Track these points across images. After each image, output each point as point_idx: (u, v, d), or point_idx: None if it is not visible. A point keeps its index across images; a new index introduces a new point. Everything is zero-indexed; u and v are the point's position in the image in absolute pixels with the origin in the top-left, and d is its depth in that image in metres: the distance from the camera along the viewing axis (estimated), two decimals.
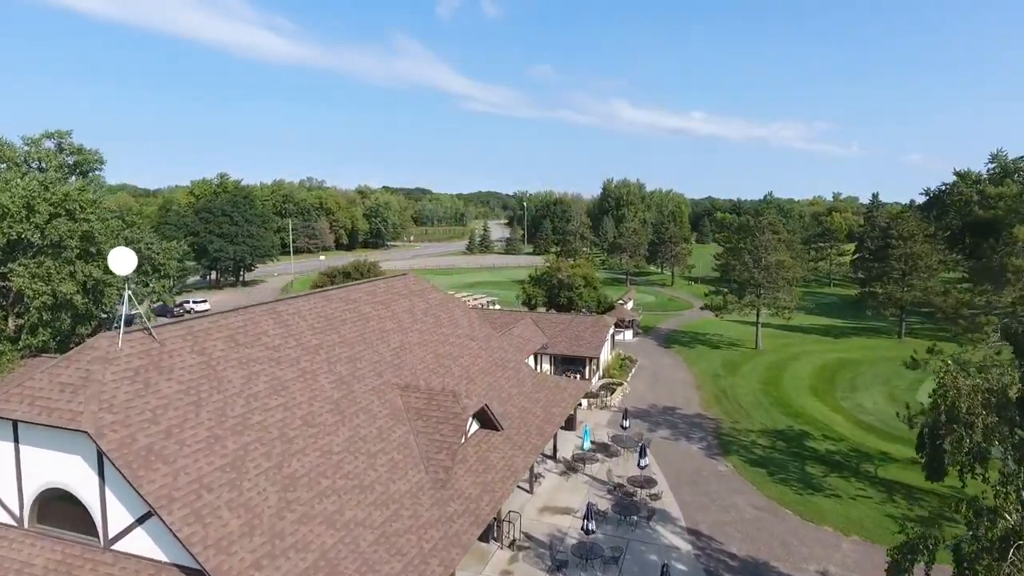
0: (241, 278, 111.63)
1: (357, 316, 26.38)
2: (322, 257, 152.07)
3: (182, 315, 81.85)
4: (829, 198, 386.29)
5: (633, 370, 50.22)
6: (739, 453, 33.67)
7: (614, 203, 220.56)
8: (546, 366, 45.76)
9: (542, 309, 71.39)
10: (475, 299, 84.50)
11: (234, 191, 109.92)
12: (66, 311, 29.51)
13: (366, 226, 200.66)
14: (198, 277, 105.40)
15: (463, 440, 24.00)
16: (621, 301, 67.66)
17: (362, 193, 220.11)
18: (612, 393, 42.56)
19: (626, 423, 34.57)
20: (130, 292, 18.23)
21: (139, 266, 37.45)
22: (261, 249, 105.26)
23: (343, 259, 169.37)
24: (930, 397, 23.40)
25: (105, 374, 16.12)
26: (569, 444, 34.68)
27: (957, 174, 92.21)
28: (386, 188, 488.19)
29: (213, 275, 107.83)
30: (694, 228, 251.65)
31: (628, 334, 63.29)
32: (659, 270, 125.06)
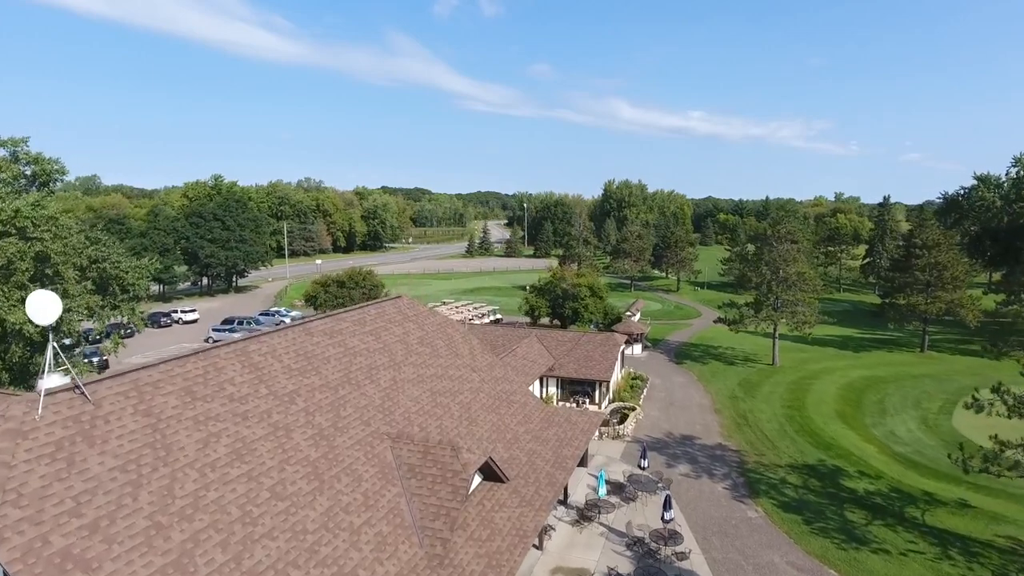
0: (234, 284, 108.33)
1: (342, 351, 23.09)
2: (318, 261, 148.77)
3: (169, 325, 78.61)
4: (830, 198, 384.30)
5: (645, 391, 46.93)
6: (769, 494, 30.38)
7: (616, 204, 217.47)
8: (552, 389, 42.47)
9: (546, 319, 68.30)
10: (475, 308, 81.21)
11: (227, 194, 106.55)
12: (17, 342, 26.28)
13: (364, 228, 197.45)
14: (189, 283, 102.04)
15: (463, 502, 20.73)
16: (629, 313, 64.39)
17: (360, 194, 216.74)
18: (624, 421, 39.25)
19: (645, 463, 31.26)
20: (55, 345, 14.88)
21: (106, 288, 34.24)
22: (254, 255, 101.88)
23: (340, 262, 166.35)
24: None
25: (16, 453, 12.80)
26: (581, 484, 31.42)
27: (978, 178, 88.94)
28: (385, 188, 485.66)
29: (205, 281, 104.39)
30: (697, 229, 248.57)
31: (637, 348, 60.01)
32: (664, 275, 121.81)
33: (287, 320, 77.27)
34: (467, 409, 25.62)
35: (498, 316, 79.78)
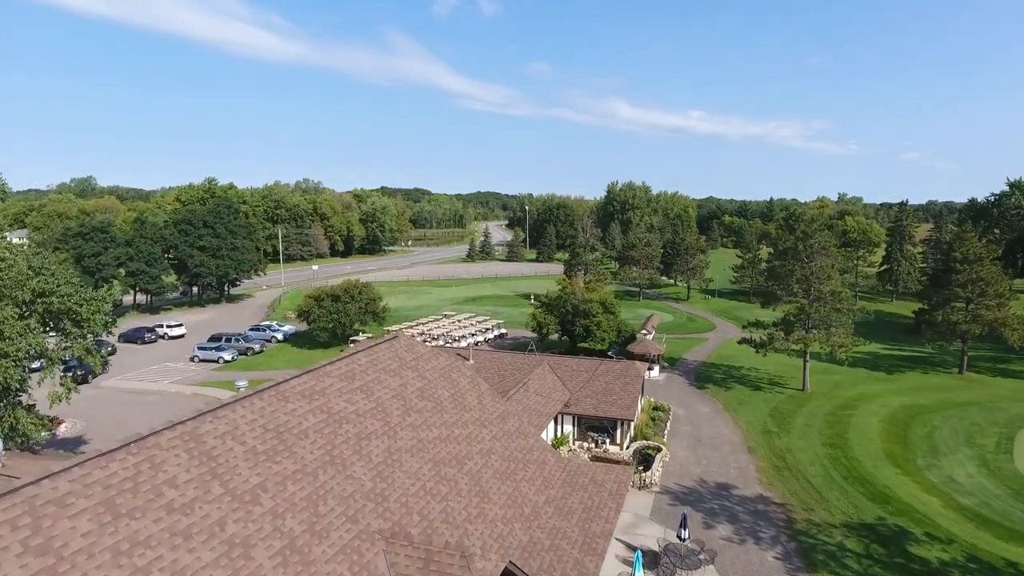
0: (226, 293, 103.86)
1: (325, 419, 18.69)
2: (315, 267, 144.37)
3: (154, 340, 74.14)
4: (833, 198, 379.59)
5: (668, 424, 42.52)
6: (828, 566, 25.99)
7: (619, 207, 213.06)
8: (568, 427, 38.05)
9: (555, 335, 63.84)
10: (479, 321, 76.75)
11: (219, 199, 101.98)
12: None
13: (362, 231, 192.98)
14: (178, 293, 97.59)
15: None
16: (644, 331, 59.96)
17: (358, 197, 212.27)
18: (648, 465, 34.82)
19: (685, 532, 26.82)
20: None
21: (57, 323, 29.85)
22: (246, 263, 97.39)
23: (338, 267, 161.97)
24: None
25: None
26: (610, 554, 26.98)
27: (1012, 184, 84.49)
28: (384, 189, 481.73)
29: (195, 290, 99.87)
30: (701, 231, 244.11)
31: (654, 371, 55.59)
32: (672, 282, 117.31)
33: (279, 336, 72.88)
34: (477, 480, 21.22)
35: (503, 331, 75.38)
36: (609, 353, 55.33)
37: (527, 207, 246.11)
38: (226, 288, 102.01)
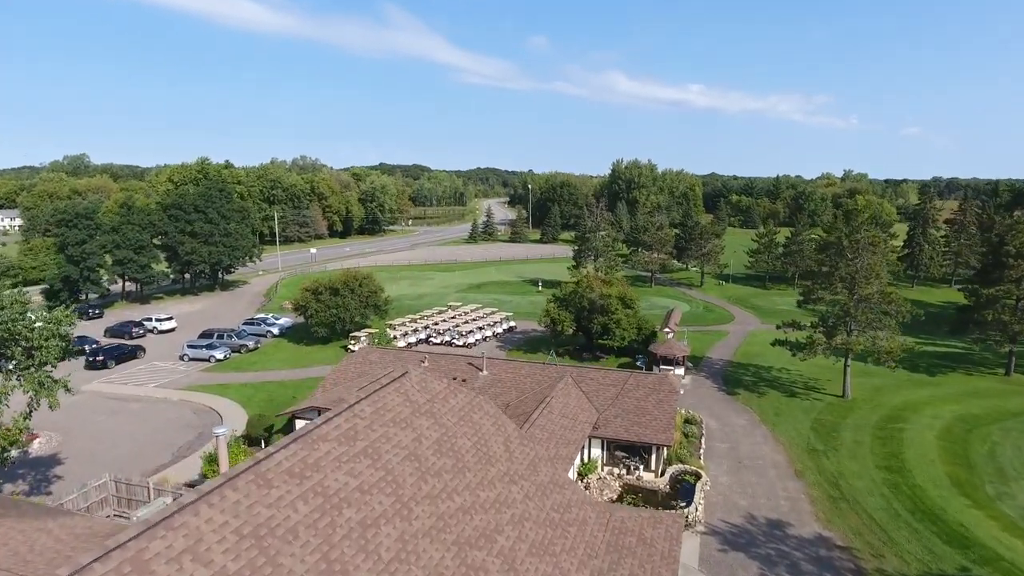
0: (221, 279, 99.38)
1: (320, 505, 14.47)
2: (313, 250, 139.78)
3: (142, 335, 69.89)
4: (837, 174, 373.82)
5: (703, 442, 38.47)
6: None
7: (625, 186, 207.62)
8: (596, 451, 33.97)
9: (569, 331, 59.61)
10: (486, 314, 72.47)
11: (209, 184, 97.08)
12: None
13: (361, 212, 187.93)
14: (170, 281, 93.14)
15: None
16: (667, 329, 55.75)
17: (356, 176, 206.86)
18: (690, 499, 30.77)
19: None
20: None
21: (4, 351, 25.60)
22: (240, 249, 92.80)
23: (337, 249, 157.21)
24: None
25: None
26: None
27: None
28: (383, 166, 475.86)
29: (188, 277, 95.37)
30: (708, 210, 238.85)
31: (679, 372, 51.47)
32: (684, 267, 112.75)
33: (274, 331, 68.63)
34: (510, 562, 17.11)
35: (512, 324, 71.17)
36: (638, 364, 51.11)
37: (530, 185, 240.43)
38: (220, 275, 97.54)
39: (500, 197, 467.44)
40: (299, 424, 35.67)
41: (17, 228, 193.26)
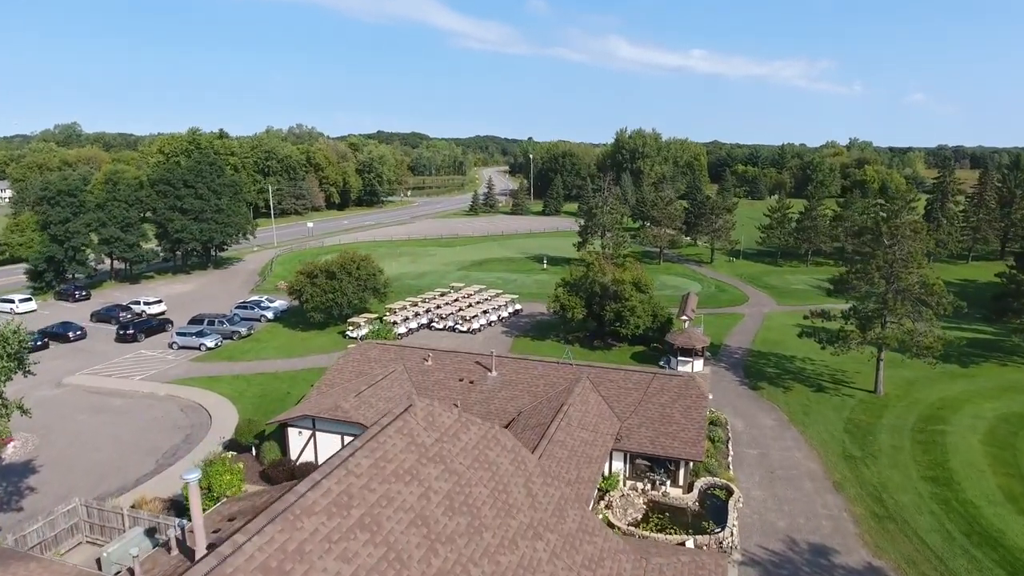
0: (214, 256, 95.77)
1: None
2: (310, 224, 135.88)
3: (132, 320, 66.68)
4: (842, 142, 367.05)
5: (730, 447, 35.56)
6: None
7: (629, 155, 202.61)
8: (617, 464, 30.98)
9: (580, 317, 56.35)
10: (492, 297, 69.18)
11: (199, 157, 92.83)
12: None
13: (359, 183, 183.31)
14: (160, 259, 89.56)
15: None
16: (684, 317, 52.51)
17: (354, 146, 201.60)
18: (722, 523, 27.82)
19: None
20: None
21: None
22: (233, 226, 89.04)
23: (335, 221, 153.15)
24: None
25: None
26: None
27: None
28: (380, 133, 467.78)
29: (179, 255, 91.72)
30: (714, 181, 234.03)
31: (698, 364, 48.39)
32: (693, 242, 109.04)
33: (268, 314, 65.45)
34: None
35: (518, 307, 67.96)
36: (661, 364, 47.91)
37: (531, 155, 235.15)
38: (213, 252, 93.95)
39: (500, 166, 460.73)
40: (291, 434, 32.68)
41: (7, 200, 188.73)
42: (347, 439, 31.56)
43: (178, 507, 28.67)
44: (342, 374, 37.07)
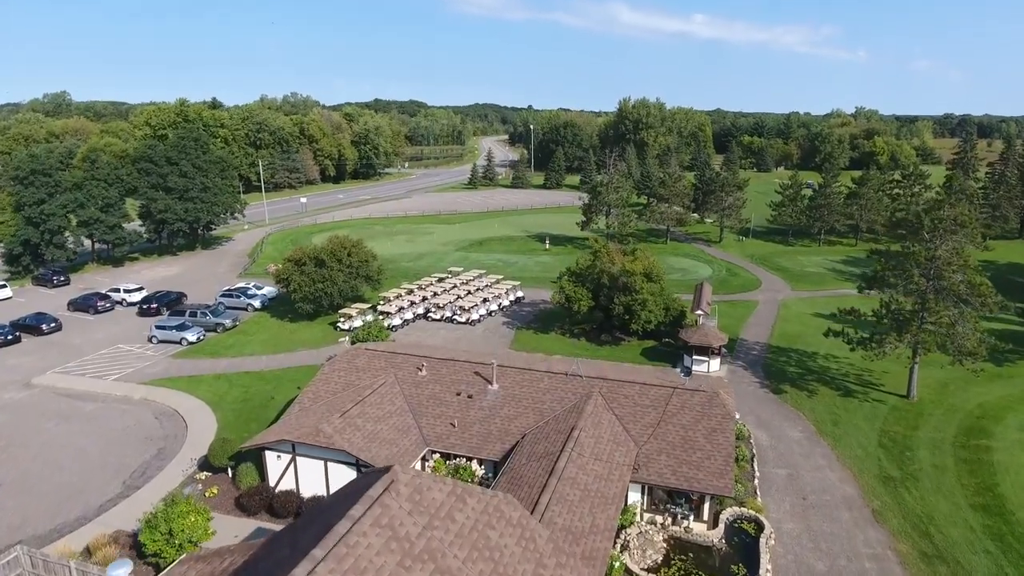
0: (202, 236, 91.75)
1: None
2: (303, 199, 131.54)
3: (110, 309, 62.97)
4: (847, 110, 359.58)
5: (755, 466, 32.25)
6: None
7: (632, 126, 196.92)
8: (634, 496, 27.66)
9: (585, 308, 52.71)
10: (492, 284, 65.47)
11: (183, 132, 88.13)
12: None
13: (355, 155, 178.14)
14: (144, 240, 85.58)
15: None
16: (699, 312, 48.90)
17: (349, 116, 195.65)
18: (753, 567, 24.60)
19: None
20: None
21: None
22: (220, 205, 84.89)
23: (330, 196, 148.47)
24: None
25: None
26: None
27: None
28: (377, 101, 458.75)
29: (165, 235, 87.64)
30: (719, 152, 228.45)
31: (714, 364, 45.00)
32: (700, 219, 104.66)
33: (255, 303, 61.86)
34: None
35: (519, 294, 64.32)
36: (677, 367, 44.41)
37: (532, 125, 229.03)
38: (201, 232, 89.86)
39: (499, 135, 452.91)
40: (269, 457, 29.30)
41: None
42: (331, 466, 28.26)
43: (139, 546, 25.42)
44: (327, 385, 33.57)
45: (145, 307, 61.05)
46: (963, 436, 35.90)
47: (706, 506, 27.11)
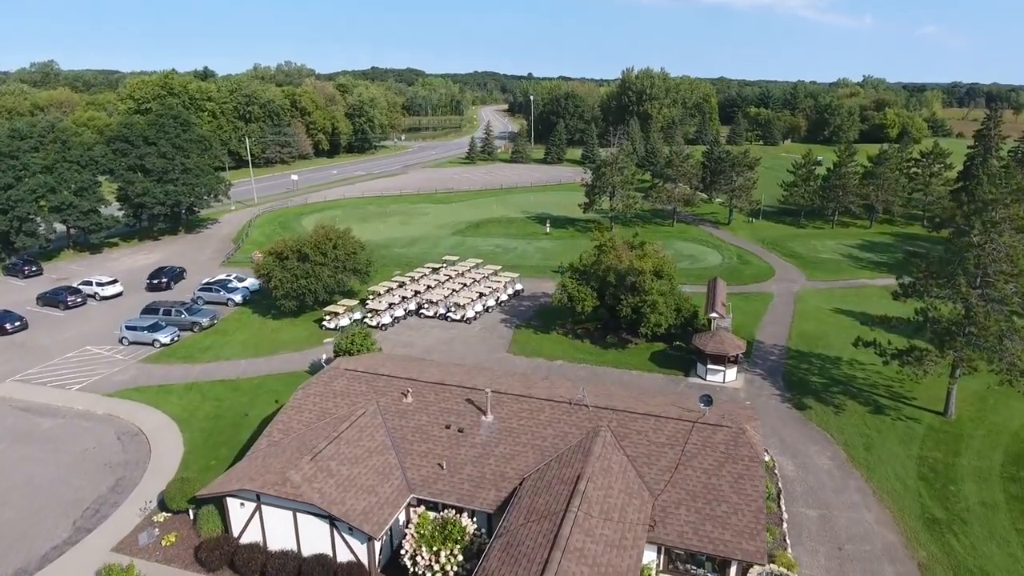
0: (185, 219, 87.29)
1: None
2: (294, 176, 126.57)
3: (82, 303, 59.01)
4: (854, 79, 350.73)
5: (783, 506, 28.67)
6: None
7: (635, 97, 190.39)
8: (650, 555, 24.04)
9: (588, 308, 48.80)
10: (491, 276, 61.42)
11: (162, 110, 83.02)
12: None
13: (349, 128, 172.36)
14: (123, 225, 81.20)
15: None
16: (714, 314, 44.96)
17: (343, 88, 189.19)
18: None
19: None
20: None
21: None
22: (202, 187, 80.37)
23: (323, 172, 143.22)
24: None
25: None
26: None
27: None
28: (374, 69, 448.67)
29: (145, 219, 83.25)
30: (724, 123, 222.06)
31: (731, 373, 41.25)
32: (708, 199, 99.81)
33: (236, 298, 57.98)
34: None
35: (519, 287, 60.36)
36: (690, 376, 40.37)
37: (532, 96, 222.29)
38: (184, 215, 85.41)
39: (498, 104, 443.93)
40: (231, 505, 25.65)
41: None
42: (302, 517, 24.62)
43: None
44: (300, 414, 29.80)
45: (154, 282, 61.86)
46: (1012, 465, 32.26)
47: (732, 569, 23.52)
